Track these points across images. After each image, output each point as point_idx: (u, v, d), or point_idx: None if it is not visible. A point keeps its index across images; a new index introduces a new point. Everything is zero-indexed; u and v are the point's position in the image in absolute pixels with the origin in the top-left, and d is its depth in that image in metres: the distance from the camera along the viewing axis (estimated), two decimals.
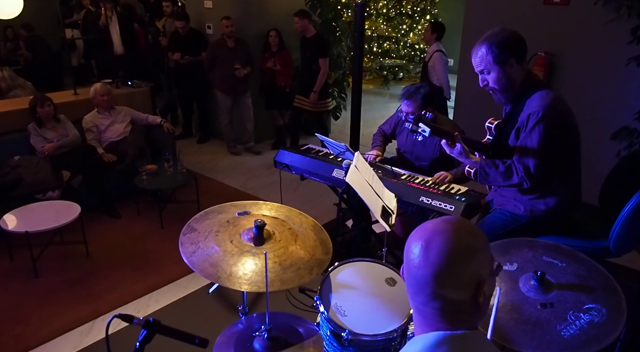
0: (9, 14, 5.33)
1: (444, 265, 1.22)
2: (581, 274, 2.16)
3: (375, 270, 2.69)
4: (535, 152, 2.64)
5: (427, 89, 3.87)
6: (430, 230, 1.27)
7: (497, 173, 2.77)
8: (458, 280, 1.22)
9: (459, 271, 1.22)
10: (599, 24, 4.86)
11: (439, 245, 1.23)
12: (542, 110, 2.61)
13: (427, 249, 1.24)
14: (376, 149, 4.24)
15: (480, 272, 1.25)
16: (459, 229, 1.26)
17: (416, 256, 1.26)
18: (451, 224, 1.27)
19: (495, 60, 2.65)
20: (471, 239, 1.26)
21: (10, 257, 4.60)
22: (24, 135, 5.30)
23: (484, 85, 2.78)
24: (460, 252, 1.23)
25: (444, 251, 1.22)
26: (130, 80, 6.68)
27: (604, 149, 4.86)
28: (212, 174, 6.70)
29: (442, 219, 1.30)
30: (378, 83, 12.19)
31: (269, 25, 7.20)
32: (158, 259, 4.65)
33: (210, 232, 2.43)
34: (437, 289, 1.23)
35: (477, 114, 5.62)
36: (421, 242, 1.26)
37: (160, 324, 1.73)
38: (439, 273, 1.22)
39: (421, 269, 1.24)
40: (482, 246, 1.27)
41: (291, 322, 2.33)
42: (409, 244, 1.30)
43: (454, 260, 1.22)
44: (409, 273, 1.28)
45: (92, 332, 3.73)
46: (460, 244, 1.23)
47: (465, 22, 6.08)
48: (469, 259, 1.23)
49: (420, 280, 1.25)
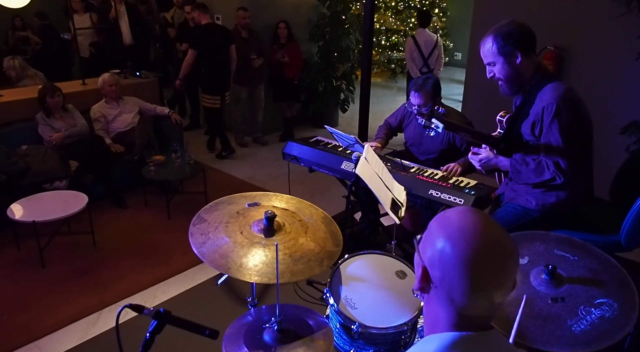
0: (18, 2, 5.32)
1: (484, 266, 1.13)
2: (593, 268, 2.14)
3: (385, 262, 2.68)
4: (561, 146, 2.62)
5: (434, 79, 3.87)
6: (481, 217, 1.18)
7: (528, 170, 2.75)
8: (498, 283, 1.15)
9: (501, 273, 1.15)
10: (609, 18, 4.82)
11: (494, 235, 1.16)
12: (556, 103, 2.58)
13: (477, 232, 1.15)
14: (377, 140, 4.23)
15: (515, 273, 1.18)
16: (492, 227, 1.18)
17: (459, 233, 1.16)
18: (489, 220, 1.19)
19: (500, 51, 2.66)
20: (511, 238, 1.19)
21: (17, 247, 4.60)
22: (32, 125, 5.30)
23: (490, 76, 2.78)
24: (514, 254, 1.17)
25: (499, 244, 1.15)
26: (138, 70, 6.67)
27: (613, 143, 4.83)
28: (219, 165, 6.69)
29: (469, 214, 1.20)
30: (386, 76, 12.15)
31: (277, 17, 7.19)
32: (165, 250, 4.65)
33: (220, 223, 2.41)
34: (471, 289, 1.14)
35: (485, 108, 5.60)
36: (470, 224, 1.17)
37: (171, 314, 1.72)
38: (477, 274, 1.13)
39: (455, 268, 1.15)
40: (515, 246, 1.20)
41: (301, 314, 2.31)
42: (451, 218, 1.21)
43: (497, 261, 1.14)
44: (436, 267, 1.19)
45: (99, 323, 3.74)
46: (514, 245, 1.17)
47: (475, 16, 6.04)
48: (516, 263, 1.18)
49: (452, 278, 1.16)
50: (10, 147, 5.00)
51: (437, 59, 7.57)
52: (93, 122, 5.59)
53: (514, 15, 2.87)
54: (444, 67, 12.48)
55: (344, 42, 7.80)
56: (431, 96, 3.80)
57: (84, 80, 6.17)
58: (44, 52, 8.95)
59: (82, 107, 5.63)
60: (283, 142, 7.25)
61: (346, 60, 8.04)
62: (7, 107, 5.40)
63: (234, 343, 2.14)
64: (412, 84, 3.91)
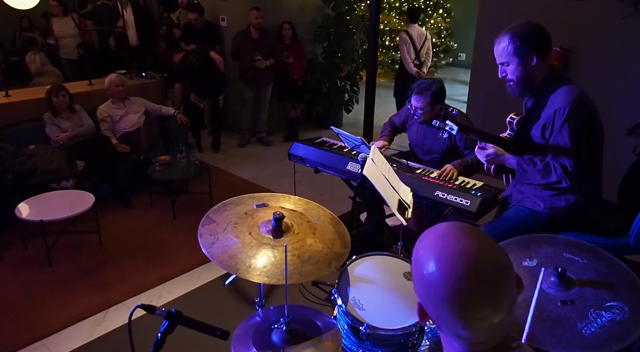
0: (27, 4, 5.34)
1: (469, 300, 1.07)
2: (603, 271, 2.13)
3: (393, 264, 2.69)
4: (569, 149, 2.61)
5: (439, 86, 3.85)
6: (453, 248, 1.10)
7: (535, 171, 2.73)
8: (492, 309, 1.09)
9: (491, 298, 1.08)
10: (616, 19, 4.81)
11: (469, 266, 1.07)
12: (569, 106, 2.58)
13: (448, 269, 1.08)
14: (383, 139, 4.24)
15: (514, 290, 1.12)
16: (486, 245, 1.11)
17: (432, 271, 1.10)
18: (475, 239, 1.11)
19: (516, 52, 2.63)
20: (502, 255, 1.12)
21: (25, 246, 4.62)
22: (40, 125, 5.33)
23: (502, 76, 2.76)
24: (498, 273, 1.09)
25: (475, 272, 1.07)
26: (144, 71, 6.68)
27: (620, 144, 4.81)
28: (224, 165, 6.70)
29: (458, 233, 1.13)
30: (390, 77, 12.12)
31: (282, 18, 7.20)
32: (170, 249, 4.66)
33: (229, 224, 2.42)
34: (467, 323, 1.09)
35: (490, 109, 5.61)
36: (443, 260, 1.09)
37: (182, 315, 1.73)
38: (466, 309, 1.08)
39: (442, 307, 1.10)
40: (509, 261, 1.13)
41: (309, 315, 2.32)
42: (426, 258, 1.13)
43: (491, 284, 1.08)
44: (428, 307, 1.15)
45: (105, 322, 3.75)
46: (495, 263, 1.10)
47: (480, 17, 6.03)
48: (507, 278, 1.10)
49: (446, 317, 1.11)
50: (18, 146, 5.03)
51: (427, 52, 7.84)
52: (99, 122, 5.61)
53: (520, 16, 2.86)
54: (448, 68, 12.59)
55: (349, 42, 7.80)
56: (430, 103, 3.80)
57: (90, 81, 6.21)
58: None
59: (88, 108, 5.65)
60: (287, 143, 7.29)
61: (350, 61, 8.05)
62: (15, 107, 5.43)
63: (243, 344, 2.15)
64: (415, 85, 3.91)
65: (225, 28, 7.59)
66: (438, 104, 3.83)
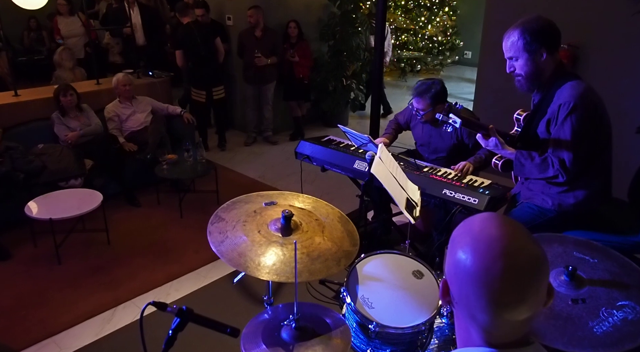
0: (35, 4, 5.36)
1: (499, 281, 1.06)
2: (614, 271, 2.12)
3: (402, 262, 2.69)
4: (569, 144, 2.61)
5: (439, 87, 3.84)
6: (493, 231, 1.10)
7: (532, 165, 2.74)
8: (518, 298, 1.07)
9: (519, 287, 1.07)
10: (625, 15, 4.78)
11: (505, 250, 1.06)
12: (574, 101, 2.57)
13: (487, 248, 1.07)
14: (385, 136, 4.25)
15: (542, 286, 1.09)
16: (525, 237, 1.11)
17: (470, 252, 1.09)
18: (516, 229, 1.12)
19: (525, 47, 2.62)
20: (540, 250, 1.10)
21: (34, 244, 4.65)
22: (48, 124, 5.37)
23: (510, 71, 2.75)
24: (531, 265, 1.08)
25: (510, 257, 1.06)
26: (151, 70, 6.71)
27: (629, 142, 4.79)
28: (230, 164, 6.72)
29: (500, 220, 1.13)
30: (396, 75, 12.13)
31: (288, 17, 7.21)
32: (178, 247, 4.68)
33: (238, 222, 2.44)
34: (490, 307, 1.07)
35: (497, 107, 5.60)
36: (480, 240, 1.09)
37: (193, 312, 1.74)
38: (492, 291, 1.06)
39: (470, 283, 1.09)
40: (546, 260, 1.11)
41: (318, 312, 2.32)
42: (463, 236, 1.14)
43: (531, 274, 1.07)
44: (454, 282, 1.14)
45: (114, 320, 3.78)
46: (531, 255, 1.09)
47: (487, 14, 6.02)
48: (538, 273, 1.08)
49: (469, 295, 1.10)
50: (27, 146, 5.07)
51: (389, 43, 8.60)
52: (107, 122, 5.63)
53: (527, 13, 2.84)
54: (454, 66, 12.56)
55: (354, 41, 7.80)
56: (430, 104, 3.81)
57: (98, 80, 6.23)
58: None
59: (96, 107, 5.69)
60: (293, 142, 7.30)
61: (356, 60, 8.05)
62: (24, 106, 5.47)
63: (252, 341, 2.16)
64: (416, 86, 3.91)
65: (231, 27, 7.60)
66: (439, 105, 3.82)
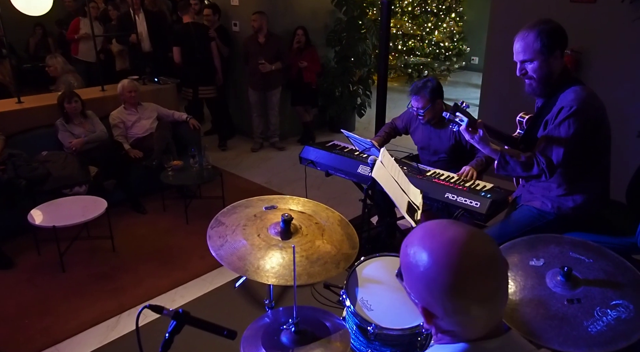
0: (39, 10, 5.39)
1: (468, 278, 1.12)
2: (609, 270, 2.14)
3: None
4: (561, 144, 2.59)
5: (434, 82, 3.87)
6: (443, 237, 1.16)
7: (516, 163, 2.68)
8: (485, 293, 1.13)
9: (484, 282, 1.13)
10: (627, 21, 4.78)
11: (459, 255, 1.12)
12: (576, 105, 2.55)
13: (444, 258, 1.13)
14: (376, 139, 4.22)
15: (505, 279, 1.17)
16: (475, 235, 1.16)
17: (428, 264, 1.14)
18: (464, 230, 1.17)
19: (542, 49, 2.58)
20: (492, 245, 1.17)
21: (38, 251, 4.66)
22: (52, 131, 5.38)
23: (521, 73, 2.70)
24: (486, 262, 1.14)
25: (465, 263, 1.12)
26: (156, 77, 6.73)
27: (630, 146, 4.78)
28: (237, 170, 6.72)
29: (447, 225, 1.19)
30: (402, 81, 12.13)
31: (295, 23, 7.24)
32: (183, 254, 4.68)
33: (237, 226, 2.44)
34: (459, 302, 1.13)
35: (502, 113, 5.59)
36: (433, 250, 1.15)
37: (190, 315, 1.74)
38: (461, 287, 1.12)
39: (438, 282, 1.14)
40: (499, 251, 1.18)
41: (318, 316, 2.32)
42: (417, 248, 1.18)
43: (480, 271, 1.13)
44: (417, 282, 1.18)
45: (118, 327, 3.77)
46: (485, 252, 1.15)
47: (491, 20, 6.02)
48: (495, 268, 1.15)
49: (435, 292, 1.15)
50: (31, 153, 5.08)
51: None
52: (112, 128, 5.65)
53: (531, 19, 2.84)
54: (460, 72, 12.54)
55: (361, 47, 7.82)
56: (429, 100, 3.82)
57: (103, 87, 6.25)
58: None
59: (101, 113, 5.70)
60: (301, 147, 7.29)
61: (363, 65, 8.05)
62: (28, 113, 5.49)
63: (252, 344, 2.15)
64: (412, 87, 3.92)
65: (238, 33, 7.63)
66: (438, 100, 3.85)
